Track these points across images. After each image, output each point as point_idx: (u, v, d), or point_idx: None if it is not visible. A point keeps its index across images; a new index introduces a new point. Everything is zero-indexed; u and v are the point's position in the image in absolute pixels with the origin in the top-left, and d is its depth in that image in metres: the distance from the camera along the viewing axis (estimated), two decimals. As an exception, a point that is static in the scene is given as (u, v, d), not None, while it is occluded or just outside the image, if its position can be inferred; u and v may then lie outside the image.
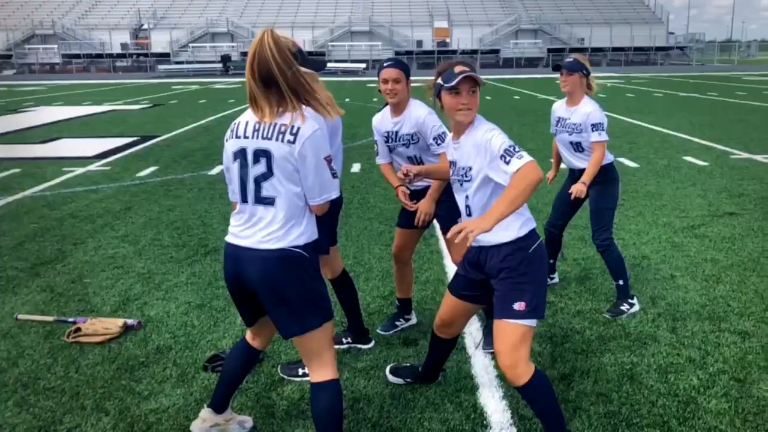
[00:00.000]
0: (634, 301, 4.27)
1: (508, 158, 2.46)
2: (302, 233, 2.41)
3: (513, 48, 57.44)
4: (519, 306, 2.59)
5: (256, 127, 2.36)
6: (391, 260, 5.09)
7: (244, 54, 48.43)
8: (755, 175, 8.51)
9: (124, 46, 57.40)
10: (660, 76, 37.17)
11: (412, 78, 3.65)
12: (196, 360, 3.67)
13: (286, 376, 3.47)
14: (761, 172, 8.70)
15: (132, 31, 58.43)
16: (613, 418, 3.01)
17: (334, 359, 2.53)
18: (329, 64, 49.96)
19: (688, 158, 9.85)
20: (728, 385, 3.29)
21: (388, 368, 3.44)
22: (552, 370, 3.47)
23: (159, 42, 56.84)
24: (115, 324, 4.04)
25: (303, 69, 2.39)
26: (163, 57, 55.66)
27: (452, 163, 2.78)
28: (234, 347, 2.89)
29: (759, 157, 9.82)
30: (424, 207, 3.64)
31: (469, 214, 2.72)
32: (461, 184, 2.71)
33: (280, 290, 2.40)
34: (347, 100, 22.21)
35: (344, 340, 3.81)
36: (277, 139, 2.32)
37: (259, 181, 2.37)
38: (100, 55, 57.50)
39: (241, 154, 2.40)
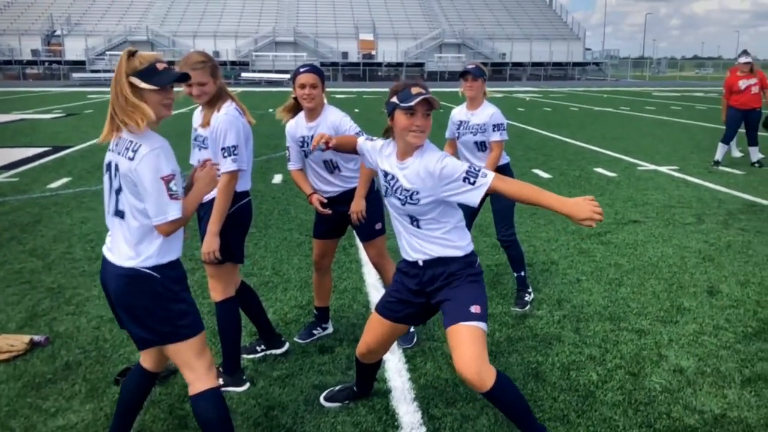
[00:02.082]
0: (530, 289, 4.71)
1: (472, 179, 2.53)
2: (155, 254, 2.41)
3: (437, 62, 58.72)
4: (475, 309, 2.61)
5: (116, 141, 2.42)
6: (310, 270, 5.16)
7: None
8: (659, 186, 9.07)
9: (35, 52, 54.86)
10: (576, 91, 38.94)
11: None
12: (107, 374, 3.58)
13: (200, 387, 3.44)
14: (665, 183, 9.29)
15: (44, 38, 55.91)
16: (518, 414, 3.16)
17: (207, 369, 2.52)
18: (251, 75, 49.46)
19: (599, 169, 10.38)
20: (623, 379, 3.53)
21: (322, 397, 3.32)
22: (463, 371, 3.60)
23: (73, 49, 54.60)
24: (20, 341, 3.88)
25: (146, 86, 2.36)
26: (78, 65, 53.55)
27: (390, 177, 2.73)
28: (129, 374, 2.81)
29: (664, 169, 10.47)
30: (356, 207, 3.73)
31: (417, 226, 2.71)
32: (403, 204, 2.69)
33: (130, 308, 2.45)
34: (270, 110, 22.05)
35: (258, 348, 3.80)
36: (121, 154, 2.38)
37: (117, 193, 2.43)
38: (8, 62, 54.74)
39: (108, 167, 2.47)
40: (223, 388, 3.40)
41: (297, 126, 3.84)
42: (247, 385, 3.47)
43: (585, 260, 5.67)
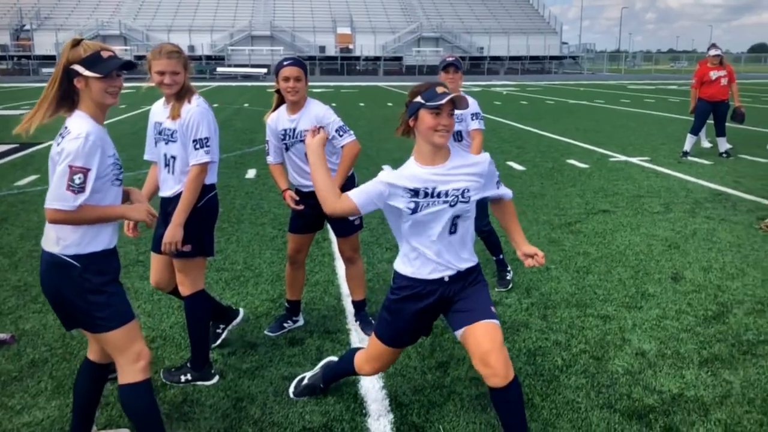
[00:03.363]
0: (509, 267, 4.91)
1: (498, 180, 2.74)
2: (76, 243, 2.41)
3: (415, 55, 58.76)
4: (493, 308, 2.65)
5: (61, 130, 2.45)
6: (282, 264, 5.17)
7: (139, 58, 46.67)
8: (629, 176, 9.21)
9: (3, 47, 53.80)
10: (553, 84, 39.23)
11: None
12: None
13: (168, 382, 3.44)
14: (635, 173, 9.43)
15: (12, 32, 54.85)
16: (483, 399, 3.22)
17: (133, 362, 2.51)
18: (227, 69, 49.04)
19: (571, 161, 10.50)
20: (587, 363, 3.60)
21: (291, 390, 3.31)
22: (430, 359, 3.66)
23: (43, 44, 53.64)
24: (-14, 338, 3.85)
25: (89, 73, 2.37)
26: (48, 60, 52.60)
27: (429, 189, 2.57)
28: (80, 369, 2.80)
29: (635, 160, 10.63)
30: None
31: (455, 231, 2.63)
32: (453, 205, 2.57)
33: (49, 292, 2.49)
34: (246, 105, 21.97)
35: (218, 331, 3.74)
36: (55, 139, 2.41)
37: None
38: (-25, 57, 53.70)
39: None
40: (192, 382, 3.42)
41: (278, 119, 3.83)
42: (216, 378, 3.47)
43: (555, 249, 5.75)
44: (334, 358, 3.33)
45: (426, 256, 2.63)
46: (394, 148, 11.76)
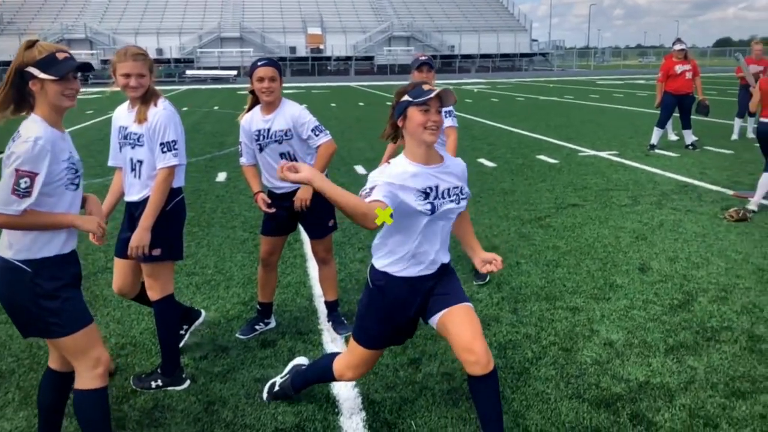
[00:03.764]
0: None
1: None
2: (27, 248, 2.38)
3: (387, 55, 58.83)
4: (466, 295, 2.73)
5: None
6: (254, 267, 5.16)
7: (105, 62, 45.99)
8: (598, 170, 9.35)
9: (-38, 52, 52.51)
10: (524, 81, 39.59)
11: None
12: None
13: (139, 388, 3.41)
14: (604, 168, 9.57)
15: (-27, 37, 53.62)
16: (455, 393, 3.26)
17: (90, 368, 2.49)
18: (196, 72, 48.54)
19: (541, 157, 10.62)
20: (557, 355, 3.66)
21: (264, 392, 3.29)
22: (402, 356, 3.68)
23: (6, 49, 52.36)
24: (-51, 350, 3.77)
25: (44, 75, 2.33)
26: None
27: (433, 190, 2.56)
28: (42, 378, 2.75)
29: (603, 154, 10.78)
30: (304, 194, 3.73)
31: (444, 228, 2.65)
32: (458, 203, 2.62)
33: (5, 300, 2.45)
34: (216, 108, 21.79)
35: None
36: (8, 142, 2.38)
37: None
38: (-64, 64, 52.37)
39: None
40: (163, 388, 3.39)
41: (252, 120, 3.81)
42: (188, 382, 3.45)
43: (525, 244, 5.81)
44: (303, 361, 3.31)
45: (420, 255, 2.63)
46: (366, 148, 11.78)
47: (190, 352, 3.80)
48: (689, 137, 11.22)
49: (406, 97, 2.57)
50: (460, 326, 2.58)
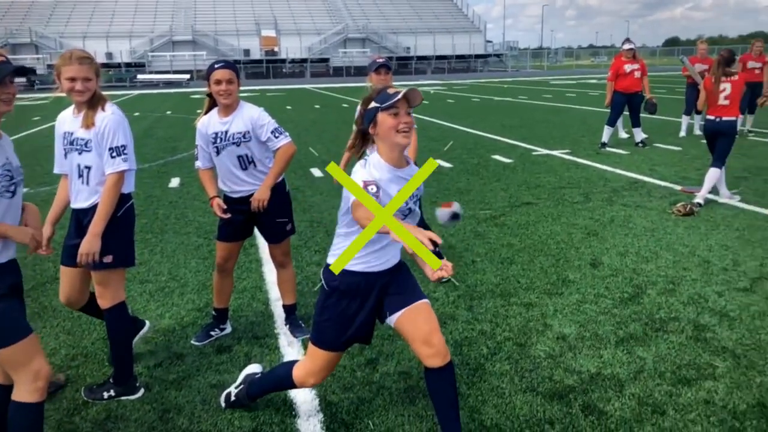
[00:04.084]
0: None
1: None
2: None
3: (342, 57, 58.78)
4: (421, 290, 2.75)
5: None
6: (208, 272, 5.10)
7: (51, 67, 44.66)
8: (551, 169, 9.54)
9: None
10: (479, 82, 40.07)
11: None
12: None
13: (90, 399, 3.33)
14: (557, 166, 9.77)
15: None
16: (412, 391, 3.28)
17: (29, 381, 2.44)
18: (148, 76, 47.63)
19: (496, 156, 10.78)
20: (511, 350, 3.72)
21: (222, 399, 3.24)
22: (359, 357, 3.69)
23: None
24: None
25: None
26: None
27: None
28: None
29: (556, 153, 11.00)
30: (261, 195, 3.70)
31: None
32: (417, 205, 2.68)
33: None
34: (169, 112, 21.41)
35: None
36: None
37: None
38: None
39: None
40: (116, 398, 3.32)
41: (209, 123, 3.76)
42: (142, 391, 3.39)
43: (480, 242, 5.89)
44: (257, 369, 3.22)
45: (383, 252, 2.67)
46: (323, 151, 11.75)
47: (144, 360, 3.74)
48: (639, 135, 11.53)
49: (373, 104, 2.58)
50: (418, 322, 2.64)
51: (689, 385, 3.29)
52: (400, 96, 2.51)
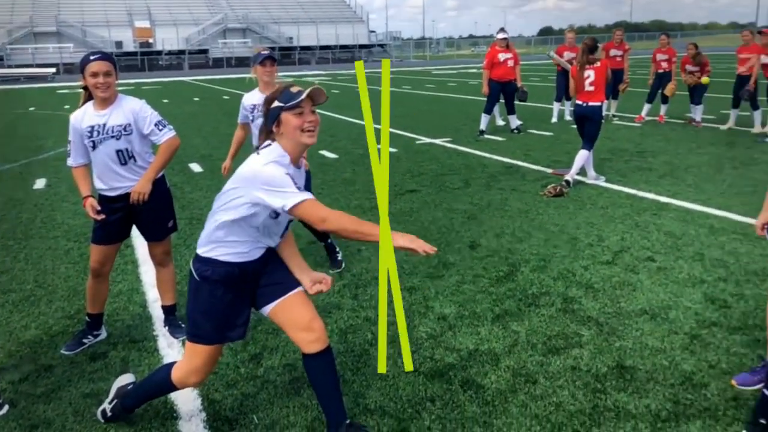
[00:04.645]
0: (338, 248, 5.13)
1: None
2: None
3: (222, 48, 57.06)
4: (294, 279, 2.74)
5: None
6: (80, 277, 4.81)
7: None
8: (434, 157, 9.80)
9: None
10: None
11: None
12: None
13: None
14: (439, 154, 10.06)
15: None
16: (297, 383, 3.28)
17: None
18: (7, 71, 43.95)
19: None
20: (395, 334, 3.80)
21: (99, 413, 3.03)
22: (243, 353, 3.63)
23: None
24: None
25: None
26: None
27: (299, 189, 2.57)
28: None
29: (438, 141, 11.32)
30: (142, 188, 3.57)
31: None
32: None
33: None
34: (32, 109, 19.86)
35: None
36: None
37: None
38: None
39: None
40: None
41: (84, 116, 3.55)
42: (6, 407, 3.15)
43: (365, 231, 5.95)
44: (128, 380, 3.03)
45: (258, 243, 2.65)
46: (202, 145, 11.39)
47: (8, 375, 3.47)
48: (514, 122, 12.10)
49: (276, 103, 2.54)
50: (298, 310, 2.66)
51: (558, 354, 3.52)
52: (304, 95, 2.50)
